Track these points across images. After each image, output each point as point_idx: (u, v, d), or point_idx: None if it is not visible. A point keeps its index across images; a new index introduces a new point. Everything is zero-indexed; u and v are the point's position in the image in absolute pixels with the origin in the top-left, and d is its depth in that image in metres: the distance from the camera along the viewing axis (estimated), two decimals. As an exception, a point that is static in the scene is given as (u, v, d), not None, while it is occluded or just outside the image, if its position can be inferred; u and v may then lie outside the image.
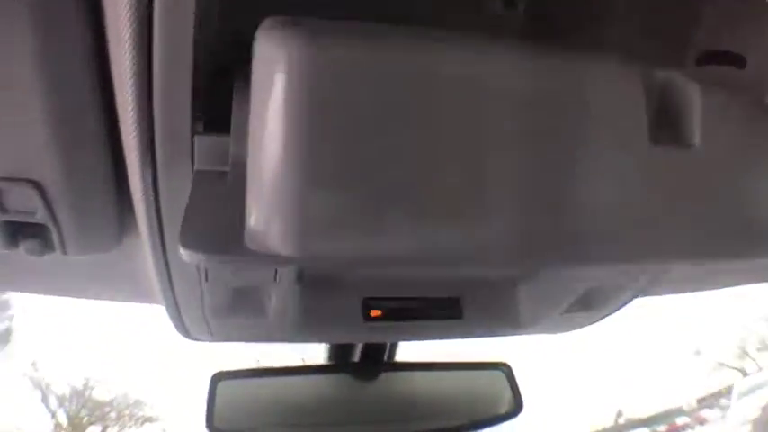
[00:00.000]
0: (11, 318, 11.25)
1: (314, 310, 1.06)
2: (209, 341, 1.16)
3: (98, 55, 0.63)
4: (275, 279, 0.88)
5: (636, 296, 1.19)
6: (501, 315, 1.15)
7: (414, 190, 0.45)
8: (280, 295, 0.98)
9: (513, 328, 1.17)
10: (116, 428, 11.86)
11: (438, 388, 1.49)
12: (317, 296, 1.06)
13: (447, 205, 0.47)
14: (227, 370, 1.36)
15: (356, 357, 1.47)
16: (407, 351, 1.54)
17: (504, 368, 1.51)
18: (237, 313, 1.00)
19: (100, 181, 0.79)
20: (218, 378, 1.35)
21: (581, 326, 1.31)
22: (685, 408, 12.78)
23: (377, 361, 1.46)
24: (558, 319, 1.18)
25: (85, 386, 11.48)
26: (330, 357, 1.48)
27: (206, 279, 0.87)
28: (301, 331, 1.08)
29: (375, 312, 1.09)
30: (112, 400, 11.69)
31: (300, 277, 1.01)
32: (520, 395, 1.51)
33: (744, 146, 0.62)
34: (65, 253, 0.88)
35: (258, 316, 1.02)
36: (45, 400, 11.24)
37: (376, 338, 1.29)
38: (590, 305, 1.15)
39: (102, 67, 0.64)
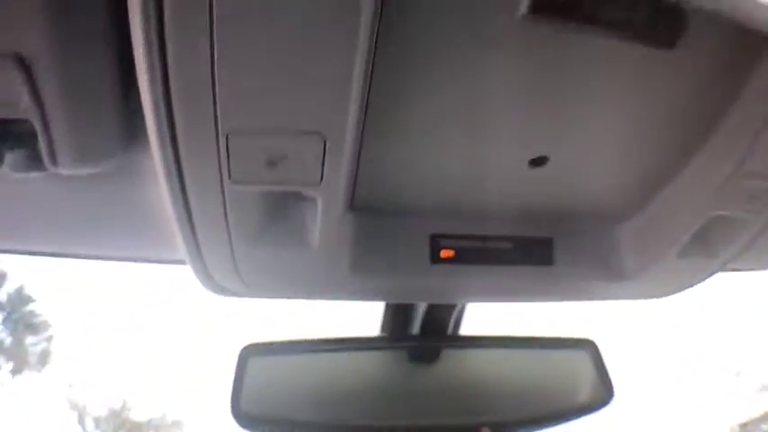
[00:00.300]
0: (49, 339, 11.20)
1: (367, 248, 0.81)
2: (241, 294, 0.91)
3: None
4: (321, 179, 0.64)
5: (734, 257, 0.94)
6: (602, 261, 0.90)
7: None
8: (326, 227, 0.74)
9: (615, 280, 0.91)
10: (153, 451, 11.68)
11: (510, 370, 1.22)
12: (373, 229, 0.82)
13: None
14: (259, 342, 1.11)
15: (415, 331, 1.20)
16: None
17: (588, 347, 1.24)
18: (271, 242, 0.75)
19: (98, 59, 0.63)
20: (248, 353, 1.09)
21: (693, 282, 1.04)
22: (728, 433, 12.51)
23: (438, 335, 1.19)
24: (670, 267, 0.92)
25: (123, 407, 11.34)
26: (383, 330, 1.21)
27: (229, 176, 0.63)
28: (350, 280, 0.83)
29: (446, 252, 0.85)
30: (150, 421, 11.51)
31: (352, 204, 0.77)
32: (609, 380, 1.23)
33: None
34: (55, 164, 0.71)
35: (297, 254, 0.78)
36: (82, 421, 11.09)
37: (443, 294, 1.01)
38: (706, 247, 0.90)
39: None
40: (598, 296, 1.02)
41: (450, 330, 1.19)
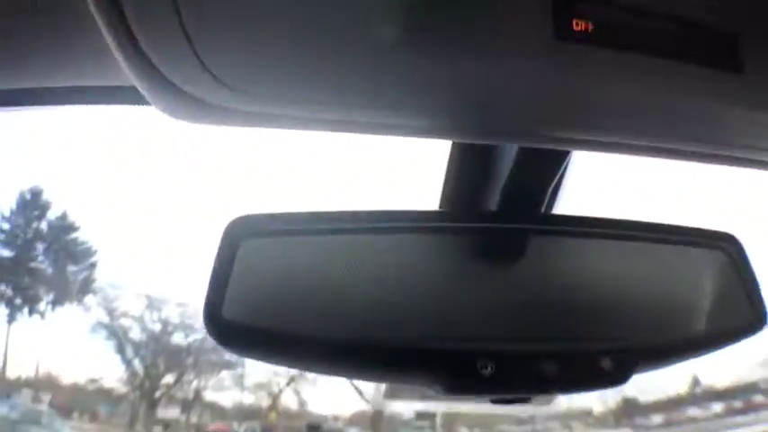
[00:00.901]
0: (92, 266, 11.11)
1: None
2: (210, 100, 0.47)
3: None
4: None
5: None
6: None
7: None
8: None
9: None
10: (192, 376, 11.66)
11: (624, 273, 0.80)
12: None
13: None
14: (255, 214, 0.70)
15: (492, 206, 0.78)
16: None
17: (729, 244, 0.82)
18: None
19: None
20: (239, 231, 0.69)
21: None
22: (762, 384, 12.34)
23: (526, 213, 0.77)
24: None
25: (163, 331, 11.26)
26: (443, 204, 0.80)
27: None
28: (410, 54, 0.43)
29: (581, 24, 0.45)
30: (190, 346, 11.43)
31: None
32: (758, 296, 0.82)
33: None
34: None
35: None
36: (121, 349, 11.07)
37: (560, 109, 0.53)
38: None
39: None
40: None
41: (543, 208, 0.78)
